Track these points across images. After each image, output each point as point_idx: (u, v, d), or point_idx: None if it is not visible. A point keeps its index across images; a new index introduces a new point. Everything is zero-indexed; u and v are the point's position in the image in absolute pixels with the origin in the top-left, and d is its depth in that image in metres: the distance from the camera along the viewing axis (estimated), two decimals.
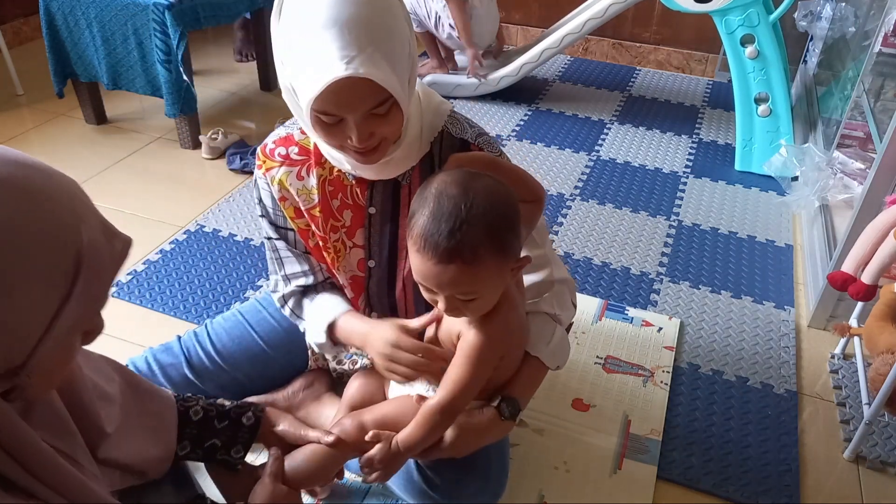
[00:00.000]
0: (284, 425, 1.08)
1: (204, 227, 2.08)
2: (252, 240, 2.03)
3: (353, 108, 0.93)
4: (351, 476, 1.34)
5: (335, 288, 1.25)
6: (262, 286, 1.84)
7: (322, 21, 0.89)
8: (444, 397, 1.01)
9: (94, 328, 0.72)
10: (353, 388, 1.21)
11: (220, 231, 2.06)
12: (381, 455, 1.03)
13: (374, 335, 1.11)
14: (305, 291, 1.25)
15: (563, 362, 1.17)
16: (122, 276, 1.86)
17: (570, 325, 1.21)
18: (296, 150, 1.14)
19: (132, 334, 1.67)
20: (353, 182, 1.14)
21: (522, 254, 1.02)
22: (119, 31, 2.30)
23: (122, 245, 0.70)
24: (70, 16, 2.33)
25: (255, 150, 2.40)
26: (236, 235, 2.05)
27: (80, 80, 2.48)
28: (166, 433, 0.97)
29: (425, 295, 0.98)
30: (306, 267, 1.23)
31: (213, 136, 2.44)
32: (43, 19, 2.34)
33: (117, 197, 2.22)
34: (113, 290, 1.80)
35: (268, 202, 1.19)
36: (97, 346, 1.49)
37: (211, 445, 1.02)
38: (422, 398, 1.06)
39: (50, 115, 2.69)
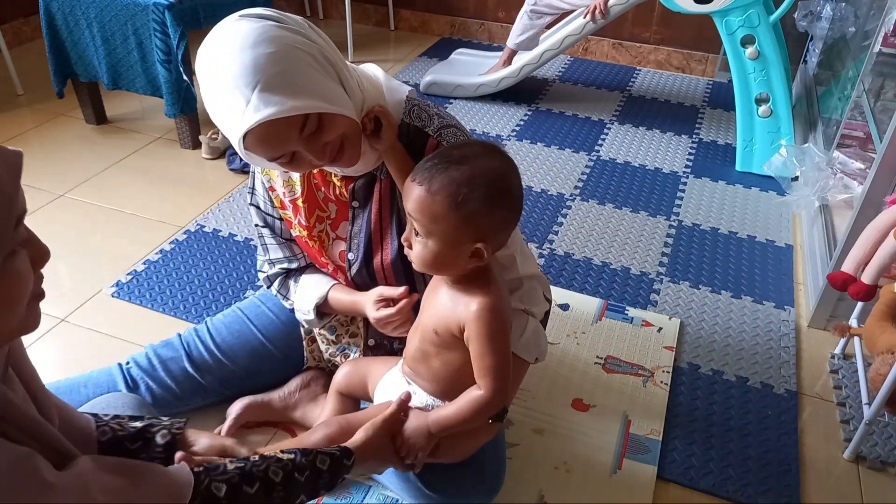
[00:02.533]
0: (203, 441, 0.98)
1: (204, 227, 2.08)
2: (252, 240, 2.03)
3: (282, 145, 0.95)
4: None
5: (317, 270, 1.29)
6: (261, 286, 1.84)
7: (213, 89, 0.92)
8: (493, 388, 1.01)
9: (36, 251, 0.68)
10: (341, 374, 1.25)
11: (220, 231, 2.06)
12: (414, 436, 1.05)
13: (365, 300, 1.16)
14: (289, 274, 1.31)
15: (542, 354, 1.17)
16: (123, 276, 1.86)
17: (546, 317, 1.21)
18: None
19: (132, 334, 1.67)
20: (336, 178, 1.16)
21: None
22: (119, 31, 2.30)
23: (12, 156, 0.65)
24: (70, 16, 2.33)
25: None
26: (236, 235, 2.05)
27: (80, 80, 2.48)
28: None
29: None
30: (289, 253, 1.29)
31: (213, 136, 2.44)
32: (43, 19, 2.34)
33: (117, 197, 2.22)
34: (113, 289, 1.80)
35: (259, 190, 1.24)
36: (97, 346, 1.48)
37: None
38: (409, 395, 1.09)
39: (50, 115, 2.69)
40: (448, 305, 1.02)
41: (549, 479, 1.37)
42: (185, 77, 2.29)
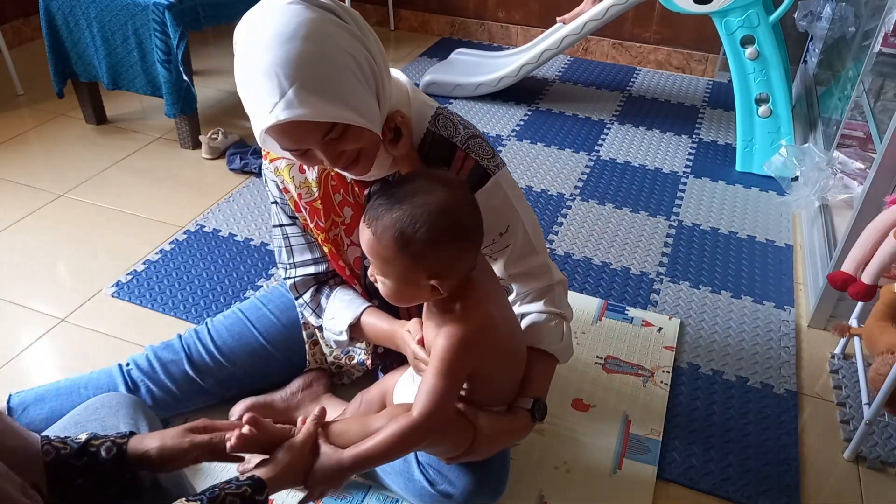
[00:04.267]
0: (153, 444, 0.94)
1: (204, 227, 2.08)
2: (252, 240, 2.03)
3: (301, 142, 0.94)
4: None
5: (345, 283, 1.27)
6: (262, 286, 1.84)
7: (250, 69, 0.90)
8: (422, 411, 0.98)
9: None
10: (354, 406, 1.25)
11: (220, 231, 2.06)
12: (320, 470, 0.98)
13: (403, 333, 1.13)
14: (319, 287, 1.26)
15: (570, 356, 1.22)
16: (123, 276, 1.86)
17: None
18: None
19: (132, 334, 1.67)
20: (352, 181, 1.15)
21: (518, 268, 1.09)
22: (119, 31, 2.30)
23: None
24: (70, 16, 2.32)
25: (254, 149, 2.40)
26: (236, 235, 2.05)
27: (80, 80, 2.48)
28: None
29: None
30: (317, 255, 1.25)
31: (213, 136, 2.44)
32: (43, 19, 2.34)
33: (117, 197, 2.22)
34: (113, 289, 1.80)
35: (274, 192, 1.21)
36: (97, 346, 1.48)
37: (78, 487, 0.89)
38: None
39: (50, 115, 2.69)
40: (432, 326, 1.03)
41: (549, 479, 1.37)
42: (185, 77, 2.29)
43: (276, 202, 1.23)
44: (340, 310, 1.22)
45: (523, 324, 1.17)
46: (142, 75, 2.37)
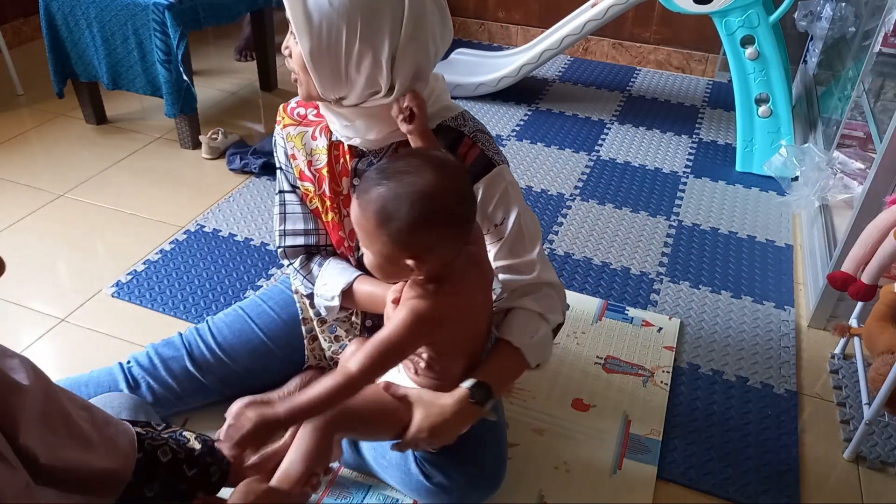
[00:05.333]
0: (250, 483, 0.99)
1: (204, 227, 2.08)
2: (252, 240, 2.03)
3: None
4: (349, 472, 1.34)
5: (338, 258, 1.28)
6: (262, 286, 1.84)
7: None
8: (359, 366, 0.97)
9: None
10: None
11: (220, 231, 2.06)
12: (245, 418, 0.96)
13: (387, 299, 1.13)
14: (310, 256, 1.28)
15: (544, 361, 1.16)
16: (123, 276, 1.86)
17: (558, 328, 1.19)
18: (314, 111, 1.21)
19: (132, 334, 1.67)
20: (349, 152, 1.17)
21: (507, 260, 1.08)
22: (119, 31, 2.30)
23: None
24: (70, 16, 2.32)
25: (254, 149, 2.40)
26: (236, 235, 2.05)
27: (80, 80, 2.48)
28: (114, 450, 0.91)
29: None
30: (310, 226, 1.27)
31: (213, 136, 2.44)
32: (43, 19, 2.34)
33: (117, 197, 2.22)
34: (113, 289, 1.80)
35: (281, 158, 1.25)
36: (97, 346, 1.48)
37: (178, 491, 0.97)
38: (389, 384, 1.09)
39: (50, 115, 2.69)
40: (409, 296, 1.03)
41: (549, 479, 1.37)
42: (185, 77, 2.29)
43: (280, 168, 1.26)
44: (333, 276, 1.24)
45: (503, 318, 1.14)
46: (142, 75, 2.37)
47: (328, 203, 1.22)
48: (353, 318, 1.33)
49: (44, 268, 1.89)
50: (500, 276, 1.16)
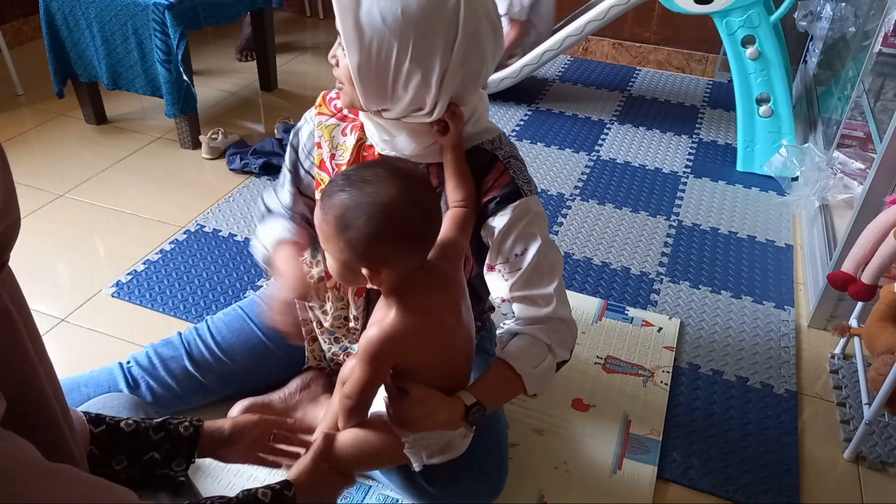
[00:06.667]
0: (226, 422, 1.03)
1: (204, 227, 2.08)
2: (252, 240, 2.03)
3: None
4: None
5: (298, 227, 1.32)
6: (262, 286, 1.84)
7: None
8: (347, 392, 1.03)
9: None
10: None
11: (220, 231, 2.06)
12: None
13: (280, 283, 1.19)
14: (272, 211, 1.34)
15: (542, 392, 1.15)
16: (122, 276, 1.86)
17: (562, 364, 1.17)
18: None
19: (132, 334, 1.67)
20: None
21: (522, 291, 1.09)
22: (119, 31, 2.30)
23: None
24: (70, 16, 2.32)
25: (254, 149, 2.40)
26: (236, 235, 2.05)
27: (80, 80, 2.48)
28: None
29: None
30: (288, 203, 1.31)
31: (213, 136, 2.44)
32: (43, 19, 2.34)
33: (117, 197, 2.22)
34: (113, 289, 1.80)
35: (303, 137, 1.26)
36: (97, 346, 1.48)
37: (150, 459, 0.96)
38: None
39: (50, 115, 2.69)
40: (376, 316, 1.02)
41: (549, 479, 1.37)
42: (185, 77, 2.29)
43: (293, 146, 1.28)
44: (277, 228, 1.28)
45: (509, 340, 1.13)
46: (142, 75, 2.37)
47: None
48: (351, 323, 1.33)
49: (44, 268, 1.89)
50: (514, 306, 1.16)
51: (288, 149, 1.30)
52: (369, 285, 0.98)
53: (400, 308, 0.98)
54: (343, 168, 1.19)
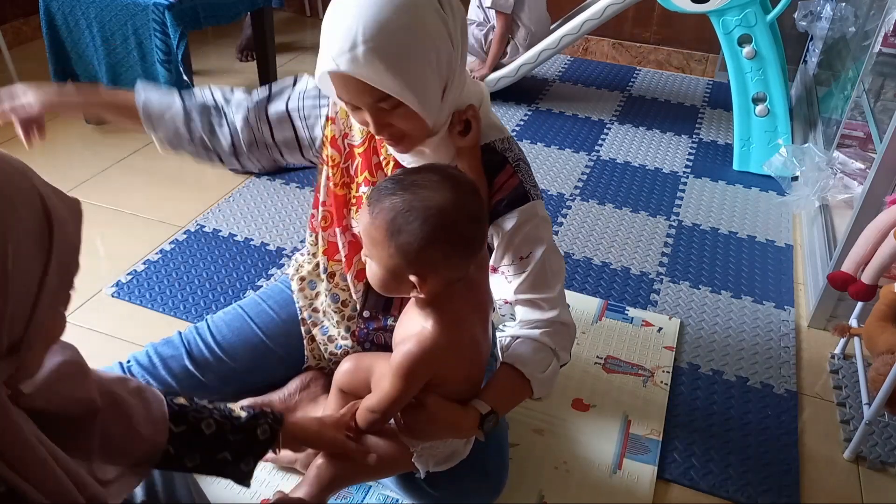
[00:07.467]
0: (313, 422, 1.07)
1: (204, 227, 2.08)
2: (252, 240, 2.03)
3: (354, 98, 0.96)
4: None
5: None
6: (261, 286, 1.84)
7: (338, 12, 0.92)
8: (372, 401, 1.03)
9: (69, 298, 0.69)
10: (342, 371, 1.23)
11: (220, 231, 2.06)
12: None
13: None
14: (220, 113, 1.27)
15: (546, 395, 1.17)
16: (123, 276, 1.86)
17: (562, 366, 1.18)
18: None
19: (132, 334, 1.67)
20: (393, 160, 1.15)
21: (526, 294, 1.08)
22: (119, 31, 2.30)
23: (74, 204, 0.70)
24: (70, 16, 2.32)
25: None
26: (236, 235, 2.05)
27: (80, 80, 2.48)
28: (148, 417, 0.90)
29: None
30: (241, 96, 1.24)
31: None
32: (43, 19, 2.34)
33: (117, 197, 2.21)
34: (113, 289, 1.80)
35: (312, 100, 1.20)
36: (97, 346, 1.47)
37: (222, 459, 0.96)
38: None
39: (50, 115, 2.68)
40: (408, 327, 1.02)
41: (549, 479, 1.37)
42: (185, 77, 2.29)
43: (296, 107, 1.21)
44: (155, 100, 1.34)
45: (514, 344, 1.14)
46: (142, 75, 2.37)
47: (345, 178, 1.20)
48: (349, 322, 1.33)
49: None
50: (517, 309, 1.16)
51: (303, 77, 1.23)
52: (413, 294, 0.97)
53: (437, 321, 0.97)
54: (356, 151, 1.18)
